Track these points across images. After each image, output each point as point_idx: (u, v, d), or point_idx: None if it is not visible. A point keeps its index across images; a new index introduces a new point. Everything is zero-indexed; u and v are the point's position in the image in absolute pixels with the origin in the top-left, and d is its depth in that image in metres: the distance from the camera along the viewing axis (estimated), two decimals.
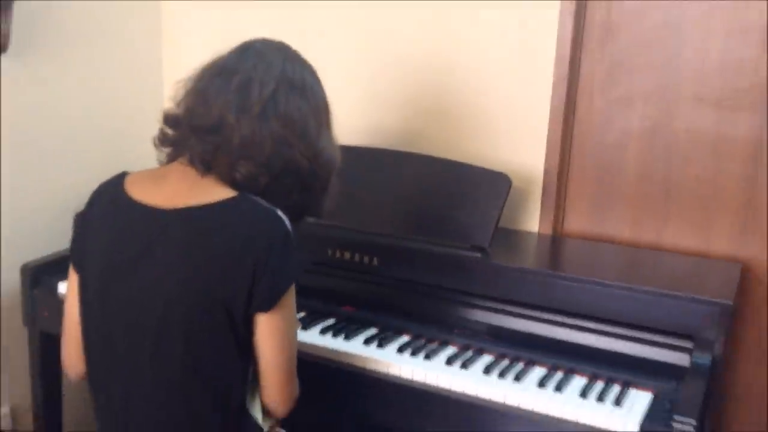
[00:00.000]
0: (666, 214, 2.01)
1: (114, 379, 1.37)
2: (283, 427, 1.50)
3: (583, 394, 1.54)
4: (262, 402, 1.39)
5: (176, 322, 1.29)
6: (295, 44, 1.44)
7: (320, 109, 1.41)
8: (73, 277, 1.40)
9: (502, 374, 1.61)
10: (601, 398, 1.53)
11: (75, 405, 2.20)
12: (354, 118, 2.19)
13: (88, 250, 1.37)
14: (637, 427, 1.44)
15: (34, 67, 2.13)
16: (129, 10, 2.40)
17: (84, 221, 1.40)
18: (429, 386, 1.60)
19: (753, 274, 1.93)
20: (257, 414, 1.39)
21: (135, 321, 1.32)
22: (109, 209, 1.36)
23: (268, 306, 1.29)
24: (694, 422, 1.37)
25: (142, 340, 1.32)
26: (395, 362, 1.64)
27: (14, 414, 2.21)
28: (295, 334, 1.40)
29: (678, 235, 2.00)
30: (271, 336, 1.32)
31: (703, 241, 1.98)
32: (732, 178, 1.93)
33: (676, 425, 1.38)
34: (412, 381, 1.62)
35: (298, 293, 1.37)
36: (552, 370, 1.64)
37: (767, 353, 1.96)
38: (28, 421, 2.16)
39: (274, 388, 1.37)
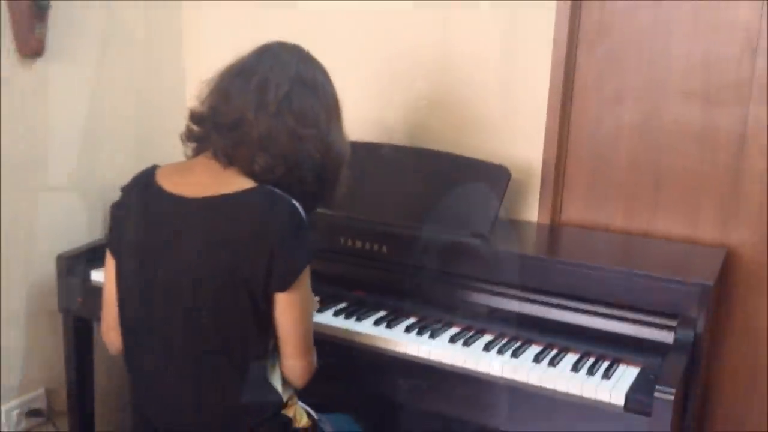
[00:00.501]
0: (656, 203, 2.06)
1: (149, 363, 1.46)
2: (299, 400, 1.56)
3: (575, 368, 1.61)
4: (282, 373, 1.47)
5: (205, 305, 1.37)
6: (305, 45, 1.51)
7: (331, 106, 1.48)
8: (110, 261, 1.49)
9: (500, 351, 1.68)
10: (591, 372, 1.60)
11: (106, 386, 2.28)
12: (360, 114, 2.18)
13: (124, 238, 1.45)
14: (622, 398, 1.52)
15: (67, 70, 2.18)
16: (152, 16, 2.44)
17: (119, 211, 1.48)
18: (433, 362, 1.68)
19: (737, 258, 1.98)
20: (277, 384, 1.47)
21: (169, 306, 1.40)
22: (141, 199, 1.44)
23: (284, 286, 1.37)
24: (673, 391, 1.44)
25: (175, 325, 1.40)
26: (402, 341, 1.71)
27: (49, 395, 2.25)
28: (312, 310, 1.47)
29: (667, 222, 2.05)
30: (289, 312, 1.40)
31: (690, 228, 2.03)
32: (717, 168, 1.98)
33: (657, 394, 1.45)
34: (418, 358, 1.69)
35: (313, 278, 1.45)
36: (547, 347, 1.70)
37: (752, 332, 2.02)
38: (61, 401, 2.22)
39: (293, 359, 1.45)
